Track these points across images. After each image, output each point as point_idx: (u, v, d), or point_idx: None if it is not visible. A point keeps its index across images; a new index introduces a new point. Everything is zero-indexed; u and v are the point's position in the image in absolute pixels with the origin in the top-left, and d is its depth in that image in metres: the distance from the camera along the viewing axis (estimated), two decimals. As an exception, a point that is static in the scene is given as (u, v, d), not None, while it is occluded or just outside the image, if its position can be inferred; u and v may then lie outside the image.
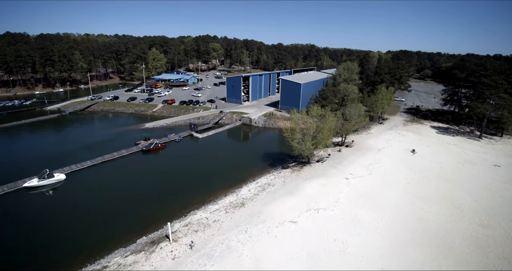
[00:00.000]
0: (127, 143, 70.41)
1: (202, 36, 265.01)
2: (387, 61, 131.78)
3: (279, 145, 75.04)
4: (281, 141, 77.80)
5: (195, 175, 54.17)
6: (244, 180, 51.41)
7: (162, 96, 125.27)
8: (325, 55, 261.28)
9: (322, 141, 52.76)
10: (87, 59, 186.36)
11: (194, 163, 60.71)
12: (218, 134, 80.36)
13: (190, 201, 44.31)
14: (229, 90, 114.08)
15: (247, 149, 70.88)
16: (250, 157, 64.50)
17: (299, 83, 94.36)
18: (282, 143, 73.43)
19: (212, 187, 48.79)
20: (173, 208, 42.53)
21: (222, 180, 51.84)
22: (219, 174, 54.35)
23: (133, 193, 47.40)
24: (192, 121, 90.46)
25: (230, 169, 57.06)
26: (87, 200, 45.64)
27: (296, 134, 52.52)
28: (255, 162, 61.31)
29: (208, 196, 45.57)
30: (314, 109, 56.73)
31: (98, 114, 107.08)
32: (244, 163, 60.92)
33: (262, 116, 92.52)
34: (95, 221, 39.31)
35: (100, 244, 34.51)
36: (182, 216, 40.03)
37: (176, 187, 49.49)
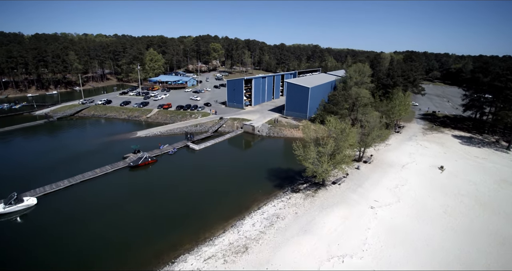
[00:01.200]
0: (114, 156, 61.97)
1: (202, 36, 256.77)
2: (399, 63, 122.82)
3: (286, 158, 66.31)
4: (288, 153, 68.75)
5: (188, 199, 45.58)
6: (247, 207, 42.77)
7: (159, 100, 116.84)
8: (329, 56, 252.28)
9: (342, 161, 43.96)
10: (82, 60, 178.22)
11: (188, 182, 52.07)
12: (217, 145, 71.68)
13: (181, 238, 35.74)
14: (230, 94, 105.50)
15: (249, 163, 62.20)
16: (254, 174, 55.80)
17: (307, 87, 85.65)
18: (290, 156, 64.67)
19: (209, 217, 40.19)
20: (159, 247, 34.01)
21: (221, 206, 43.26)
22: (217, 198, 45.76)
23: (112, 223, 38.98)
24: (189, 129, 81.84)
25: (230, 190, 48.41)
26: (60, 230, 37.39)
27: (310, 153, 43.67)
28: (259, 180, 52.64)
29: (203, 231, 36.92)
30: (332, 122, 47.58)
31: (88, 120, 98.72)
32: (247, 182, 52.25)
33: (266, 124, 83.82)
34: (63, 258, 31.13)
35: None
36: (169, 262, 31.42)
37: (165, 215, 40.96)
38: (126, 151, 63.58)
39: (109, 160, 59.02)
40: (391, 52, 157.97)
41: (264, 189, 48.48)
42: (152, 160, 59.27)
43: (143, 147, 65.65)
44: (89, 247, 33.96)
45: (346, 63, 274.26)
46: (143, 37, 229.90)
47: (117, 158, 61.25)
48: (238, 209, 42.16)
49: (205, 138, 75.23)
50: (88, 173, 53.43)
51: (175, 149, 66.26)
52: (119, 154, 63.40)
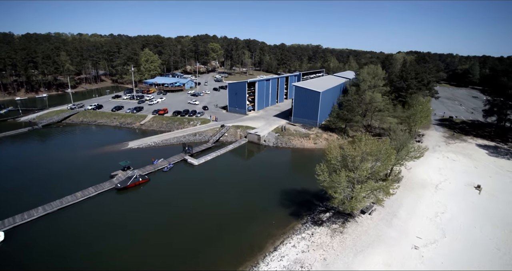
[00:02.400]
0: (100, 174, 53.56)
1: (200, 36, 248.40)
2: (412, 64, 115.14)
3: (299, 174, 58.16)
4: (300, 168, 61.26)
5: (186, 234, 37.29)
6: (260, 245, 34.55)
7: (154, 104, 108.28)
8: (332, 56, 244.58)
9: (380, 189, 35.61)
10: (74, 60, 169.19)
11: (185, 210, 43.70)
12: (219, 159, 63.35)
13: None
14: (231, 98, 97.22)
15: (257, 181, 53.86)
16: (264, 197, 47.61)
17: (317, 92, 77.59)
18: (303, 172, 56.82)
19: (211, 261, 31.96)
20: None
21: (225, 244, 35.01)
22: (222, 231, 37.54)
23: (95, 262, 30.79)
24: (187, 139, 73.49)
25: (237, 220, 40.20)
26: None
27: (338, 180, 34.73)
28: (271, 205, 44.48)
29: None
30: (368, 143, 37.75)
31: (76, 127, 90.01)
32: (257, 208, 44.03)
33: (273, 133, 75.63)
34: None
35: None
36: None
37: (154, 257, 32.68)
38: (114, 167, 55.11)
39: (94, 179, 50.60)
40: (403, 53, 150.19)
41: (278, 219, 40.27)
42: (144, 179, 50.85)
43: (134, 162, 57.28)
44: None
45: (348, 63, 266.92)
46: (138, 37, 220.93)
47: (103, 176, 52.82)
48: (249, 248, 33.99)
49: (205, 149, 66.86)
50: (67, 198, 44.97)
51: (171, 165, 57.87)
52: (106, 170, 54.96)
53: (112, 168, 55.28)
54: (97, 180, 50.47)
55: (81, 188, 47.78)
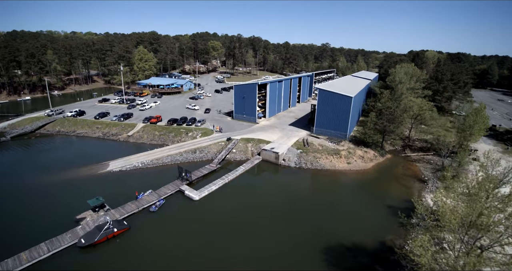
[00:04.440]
0: (62, 217, 37.88)
1: (200, 33, 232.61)
2: (447, 64, 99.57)
3: (340, 214, 42.14)
4: (339, 203, 43.69)
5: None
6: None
7: (146, 110, 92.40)
8: (341, 55, 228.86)
9: None
10: (62, 59, 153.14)
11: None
12: (227, 188, 47.40)
13: None
14: (238, 103, 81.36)
15: (281, 230, 38.00)
16: (295, 257, 31.82)
17: (348, 97, 61.78)
18: (344, 210, 40.94)
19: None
20: None
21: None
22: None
23: None
24: (185, 157, 57.52)
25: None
26: None
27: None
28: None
29: None
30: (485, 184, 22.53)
31: (50, 139, 74.14)
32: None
33: (294, 148, 59.75)
34: None
35: None
36: None
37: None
38: (83, 205, 39.21)
39: (52, 227, 34.89)
40: (433, 51, 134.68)
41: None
42: (121, 229, 34.88)
43: (111, 196, 41.53)
44: None
45: (357, 63, 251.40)
46: (133, 34, 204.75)
47: (67, 220, 37.06)
48: None
49: (208, 173, 50.89)
50: (7, 263, 29.17)
51: (162, 200, 41.92)
52: (72, 210, 39.17)
53: (80, 206, 39.43)
54: (56, 229, 34.64)
55: (31, 243, 32.02)
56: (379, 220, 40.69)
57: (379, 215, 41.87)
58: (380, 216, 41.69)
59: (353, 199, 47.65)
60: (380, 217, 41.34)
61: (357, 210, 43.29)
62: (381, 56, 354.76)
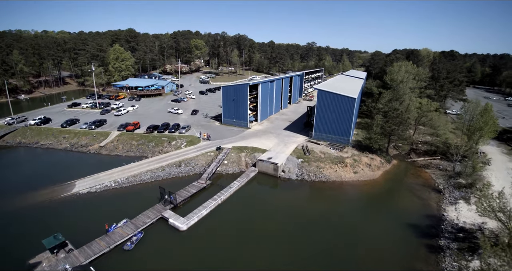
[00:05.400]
0: (9, 262, 28.76)
1: (182, 32, 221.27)
2: (442, 62, 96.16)
3: (354, 232, 35.37)
4: (351, 218, 34.63)
5: None
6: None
7: (123, 115, 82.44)
8: (327, 54, 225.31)
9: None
10: (29, 60, 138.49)
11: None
12: (220, 211, 39.48)
13: None
14: (226, 107, 73.34)
15: (287, 257, 30.96)
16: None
17: (351, 98, 55.44)
18: (362, 228, 33.95)
19: None
20: None
21: None
22: None
23: None
24: (168, 172, 48.93)
25: None
26: None
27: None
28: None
29: None
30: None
31: (8, 152, 63.22)
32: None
33: (293, 157, 52.63)
34: None
35: None
36: None
37: None
38: (39, 244, 30.13)
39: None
40: (429, 49, 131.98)
41: None
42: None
43: (77, 227, 32.75)
44: None
45: (342, 62, 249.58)
46: (108, 31, 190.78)
47: (17, 268, 27.97)
48: None
49: (196, 192, 42.69)
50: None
51: (140, 233, 33.40)
52: (24, 252, 30.04)
53: (36, 245, 30.33)
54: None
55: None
56: (400, 242, 34.63)
57: (399, 236, 35.77)
58: (401, 237, 35.61)
59: (367, 216, 41.20)
60: (401, 239, 35.26)
61: (373, 230, 36.81)
62: (364, 55, 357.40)
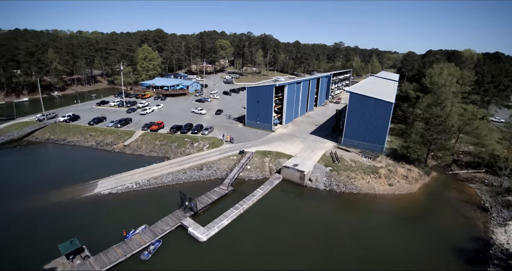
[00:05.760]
0: (24, 266, 28.14)
1: (208, 32, 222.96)
2: (487, 64, 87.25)
3: (394, 256, 31.13)
4: (387, 239, 30.44)
5: None
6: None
7: (147, 114, 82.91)
8: (355, 54, 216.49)
9: None
10: (63, 58, 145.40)
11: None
12: (241, 221, 36.88)
13: None
14: (250, 108, 70.96)
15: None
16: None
17: (388, 102, 50.66)
18: (402, 251, 29.96)
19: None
20: None
21: None
22: None
23: None
24: (189, 175, 47.29)
25: None
26: None
27: None
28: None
29: None
30: None
31: (38, 148, 65.22)
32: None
33: (321, 165, 48.94)
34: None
35: None
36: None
37: None
38: (55, 248, 29.35)
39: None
40: (472, 50, 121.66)
41: None
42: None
43: (95, 231, 31.73)
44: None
45: (371, 63, 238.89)
46: (137, 32, 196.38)
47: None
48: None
49: (218, 199, 40.54)
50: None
51: (158, 242, 31.70)
52: (40, 255, 29.43)
53: (53, 248, 29.56)
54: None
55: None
56: (442, 267, 30.09)
57: (442, 260, 31.52)
58: (443, 261, 31.29)
59: (403, 235, 36.61)
60: (444, 263, 30.91)
61: (411, 252, 32.46)
62: (394, 56, 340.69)
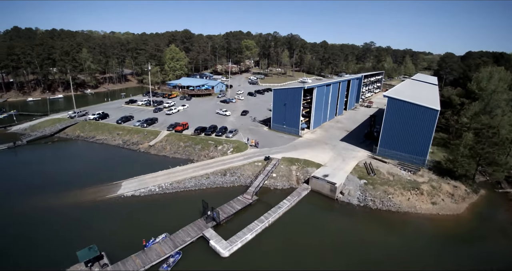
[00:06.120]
0: (42, 267, 27.47)
1: (233, 32, 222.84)
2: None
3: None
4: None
5: None
6: None
7: (173, 114, 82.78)
8: (387, 55, 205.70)
9: None
10: (96, 58, 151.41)
11: None
12: (266, 236, 34.14)
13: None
14: (277, 111, 67.98)
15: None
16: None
17: (434, 110, 45.44)
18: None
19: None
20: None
21: None
22: None
23: None
24: (212, 181, 45.35)
25: None
26: None
27: None
28: None
29: None
30: None
31: (67, 145, 67.05)
32: None
33: (354, 176, 44.89)
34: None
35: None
36: None
37: None
38: (75, 253, 28.46)
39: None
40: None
41: None
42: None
43: (116, 236, 30.58)
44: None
45: (404, 64, 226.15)
46: (166, 32, 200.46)
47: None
48: None
49: (241, 210, 38.09)
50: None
51: (178, 254, 29.83)
52: (58, 260, 28.69)
53: (73, 252, 28.70)
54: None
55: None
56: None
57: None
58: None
59: (452, 264, 31.82)
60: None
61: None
62: (429, 57, 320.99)
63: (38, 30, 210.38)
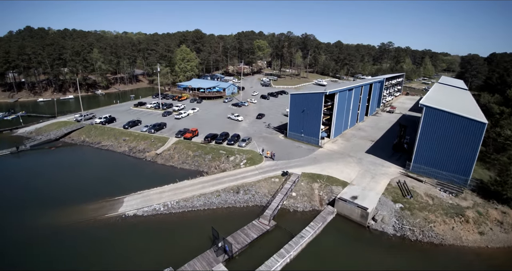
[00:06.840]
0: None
1: (245, 32, 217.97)
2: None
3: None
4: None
5: None
6: None
7: (183, 118, 78.35)
8: (406, 56, 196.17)
9: None
10: (107, 58, 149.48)
11: None
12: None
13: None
14: (294, 118, 62.32)
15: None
16: None
17: (481, 123, 39.00)
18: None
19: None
20: None
21: None
22: None
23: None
24: (224, 199, 40.26)
25: None
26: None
27: None
28: None
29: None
30: None
31: (71, 151, 63.63)
32: None
33: (388, 200, 38.84)
34: None
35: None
36: None
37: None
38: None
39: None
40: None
41: None
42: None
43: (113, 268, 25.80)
44: None
45: (424, 65, 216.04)
46: (177, 32, 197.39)
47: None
48: None
49: (257, 238, 32.80)
50: None
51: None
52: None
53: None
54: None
55: None
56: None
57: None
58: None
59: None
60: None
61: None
62: (449, 58, 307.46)
63: (50, 30, 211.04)
